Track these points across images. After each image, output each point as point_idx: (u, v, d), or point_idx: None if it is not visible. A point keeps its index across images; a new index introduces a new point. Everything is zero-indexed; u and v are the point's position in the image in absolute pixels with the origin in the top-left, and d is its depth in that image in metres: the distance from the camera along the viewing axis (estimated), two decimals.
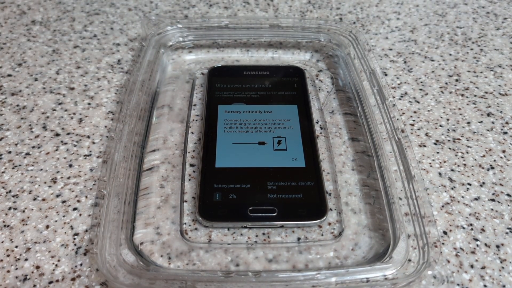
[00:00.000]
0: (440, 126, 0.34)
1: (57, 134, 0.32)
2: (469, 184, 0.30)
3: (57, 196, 0.28)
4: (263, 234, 0.26)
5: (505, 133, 0.34)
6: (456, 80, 0.39)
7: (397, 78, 0.39)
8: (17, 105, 0.35)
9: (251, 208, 0.26)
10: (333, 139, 0.32)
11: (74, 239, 0.26)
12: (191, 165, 0.30)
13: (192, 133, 0.33)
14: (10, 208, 0.28)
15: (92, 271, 0.24)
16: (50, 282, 0.24)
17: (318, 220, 0.25)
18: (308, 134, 0.29)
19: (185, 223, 0.27)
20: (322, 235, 0.27)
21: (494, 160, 0.32)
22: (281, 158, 0.28)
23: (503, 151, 0.32)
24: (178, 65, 0.39)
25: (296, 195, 0.26)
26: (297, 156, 0.28)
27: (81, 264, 0.25)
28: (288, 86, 0.33)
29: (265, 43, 0.40)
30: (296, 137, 0.29)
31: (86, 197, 0.28)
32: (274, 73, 0.35)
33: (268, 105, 0.32)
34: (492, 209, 0.28)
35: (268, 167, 0.27)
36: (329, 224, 0.27)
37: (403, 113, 0.35)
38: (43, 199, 0.28)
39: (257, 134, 0.29)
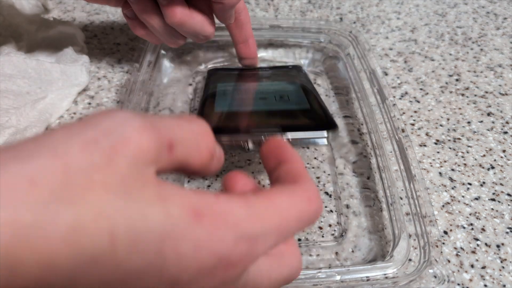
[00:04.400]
0: (441, 125, 0.34)
1: None
2: (470, 184, 0.30)
3: None
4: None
5: (505, 132, 0.34)
6: (457, 80, 0.39)
7: (398, 78, 0.39)
8: None
9: (254, 129, 0.24)
10: (333, 140, 0.32)
11: None
12: None
13: None
14: None
15: None
16: None
17: (325, 131, 0.23)
18: (313, 96, 0.28)
19: None
20: (322, 236, 0.27)
21: (495, 160, 0.32)
22: (283, 103, 0.26)
23: (503, 151, 0.32)
24: (178, 67, 0.39)
25: (301, 119, 0.25)
26: (300, 103, 0.26)
27: None
28: (288, 74, 0.33)
29: (265, 43, 0.40)
30: (299, 94, 0.28)
31: None
32: (275, 69, 0.34)
33: (269, 81, 0.31)
34: (492, 209, 0.28)
35: (271, 109, 0.26)
36: (330, 226, 0.27)
37: (404, 113, 0.35)
38: None
39: (258, 93, 0.28)
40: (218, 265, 0.14)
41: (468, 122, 0.35)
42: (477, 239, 0.27)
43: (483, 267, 0.25)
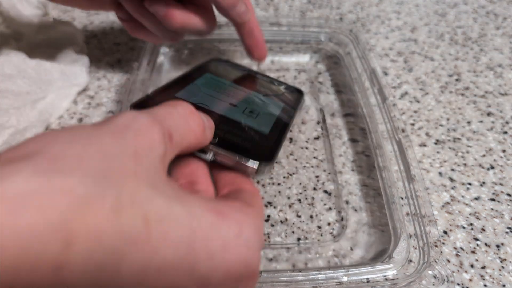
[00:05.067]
0: (441, 125, 0.34)
1: None
2: (470, 184, 0.30)
3: None
4: (264, 234, 0.26)
5: (505, 132, 0.34)
6: (456, 80, 0.39)
7: (398, 77, 0.39)
8: None
9: None
10: (333, 140, 0.32)
11: None
12: None
13: None
14: None
15: None
16: None
17: (254, 162, 0.21)
18: (282, 125, 0.26)
19: None
20: (321, 235, 0.27)
21: (494, 160, 0.32)
22: (246, 119, 0.25)
23: (503, 151, 0.32)
24: (178, 66, 0.39)
25: (245, 140, 0.23)
26: (263, 126, 0.25)
27: None
28: (282, 94, 0.32)
29: (265, 42, 0.40)
30: (270, 117, 0.26)
31: None
32: (274, 82, 0.34)
33: (255, 92, 0.30)
34: (492, 209, 0.28)
35: (229, 117, 0.24)
36: (329, 224, 0.27)
37: (404, 113, 0.35)
38: None
39: (232, 98, 0.27)
40: (245, 273, 0.15)
41: (468, 122, 0.35)
42: (477, 239, 0.27)
43: (483, 267, 0.25)
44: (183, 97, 0.25)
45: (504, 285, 0.24)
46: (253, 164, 0.21)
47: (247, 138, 0.23)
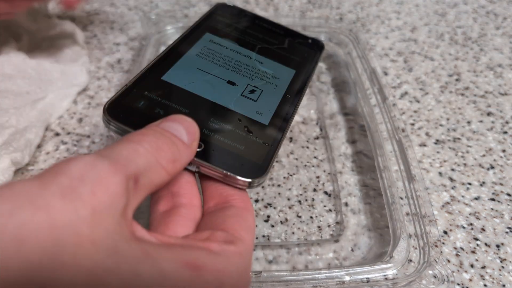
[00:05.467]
0: (441, 125, 0.34)
1: (57, 134, 0.32)
2: (469, 184, 0.30)
3: None
4: (263, 236, 0.26)
5: (505, 132, 0.34)
6: (456, 80, 0.39)
7: (397, 77, 0.39)
8: None
9: None
10: (333, 140, 0.32)
11: None
12: None
13: None
14: None
15: None
16: None
17: (243, 178, 0.18)
18: (290, 101, 0.23)
19: None
20: (321, 236, 0.27)
21: (494, 160, 0.32)
22: (244, 105, 0.22)
23: (503, 151, 0.32)
24: None
25: (237, 145, 0.19)
26: (264, 112, 0.22)
27: None
28: (296, 52, 0.28)
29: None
30: (275, 96, 0.23)
31: None
32: (289, 35, 0.29)
33: (262, 56, 0.26)
34: (492, 209, 0.28)
35: (222, 105, 0.21)
36: (329, 225, 0.27)
37: (404, 113, 0.35)
38: None
39: (232, 73, 0.23)
40: None
41: (468, 122, 0.35)
42: (477, 239, 0.27)
43: (483, 267, 0.25)
44: (171, 79, 0.22)
45: (504, 285, 0.24)
46: (243, 179, 0.18)
47: (240, 140, 0.20)
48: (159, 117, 0.18)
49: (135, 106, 0.20)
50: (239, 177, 0.18)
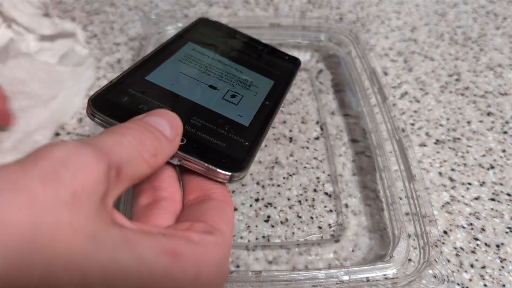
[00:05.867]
0: (440, 125, 0.34)
1: (57, 134, 0.32)
2: (469, 184, 0.30)
3: None
4: (263, 236, 0.26)
5: (505, 132, 0.34)
6: (456, 80, 0.39)
7: (397, 77, 0.39)
8: None
9: None
10: (334, 140, 0.32)
11: None
12: None
13: None
14: None
15: None
16: None
17: (224, 172, 0.18)
18: (269, 107, 0.24)
19: None
20: (321, 237, 0.27)
21: (494, 160, 0.32)
22: (225, 107, 0.22)
23: (503, 151, 0.32)
24: None
25: (218, 141, 0.20)
26: (244, 115, 0.22)
27: None
28: (275, 65, 0.29)
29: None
30: (255, 102, 0.24)
31: None
32: (268, 51, 0.30)
33: (243, 67, 0.27)
34: (492, 209, 0.28)
35: (204, 106, 0.22)
36: (329, 225, 0.27)
37: (404, 113, 0.35)
38: None
39: (213, 79, 0.24)
40: None
41: (468, 122, 0.35)
42: (476, 239, 0.27)
43: (483, 267, 0.25)
44: (155, 79, 0.23)
45: (504, 285, 0.24)
46: (224, 173, 0.18)
47: (221, 137, 0.20)
48: (143, 112, 0.18)
49: (119, 101, 0.21)
50: (220, 171, 0.18)
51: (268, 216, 0.27)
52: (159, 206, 0.16)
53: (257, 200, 0.28)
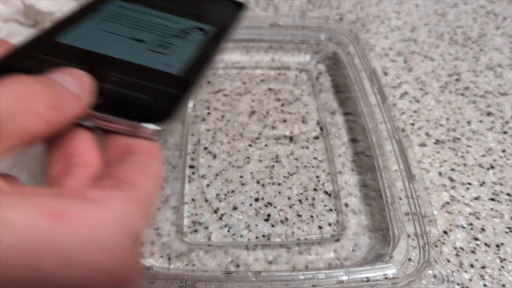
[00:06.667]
0: (440, 125, 0.34)
1: None
2: (469, 184, 0.30)
3: None
4: (263, 236, 0.26)
5: (505, 132, 0.34)
6: (456, 80, 0.39)
7: (397, 77, 0.39)
8: None
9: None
10: (333, 140, 0.32)
11: None
12: (191, 166, 0.30)
13: (192, 134, 0.33)
14: None
15: None
16: None
17: (148, 125, 0.17)
18: (205, 54, 0.22)
19: (185, 225, 0.27)
20: (322, 236, 0.27)
21: (494, 160, 0.32)
22: (151, 58, 0.21)
23: (503, 151, 0.32)
24: None
25: (142, 95, 0.18)
26: (175, 64, 0.21)
27: None
28: (215, 11, 0.27)
29: (265, 43, 0.40)
30: (189, 50, 0.22)
31: None
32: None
33: (178, 17, 0.25)
34: (492, 209, 0.28)
35: (127, 60, 0.20)
36: (329, 225, 0.27)
37: (403, 113, 0.35)
38: None
39: (140, 32, 0.22)
40: (114, 284, 0.12)
41: (468, 122, 0.35)
42: (476, 239, 0.27)
43: (483, 267, 0.25)
44: (68, 40, 0.20)
45: (504, 285, 0.24)
46: (147, 126, 0.16)
47: (146, 90, 0.19)
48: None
49: (25, 67, 0.18)
50: (144, 124, 0.16)
51: (268, 215, 0.27)
52: (72, 173, 0.15)
53: (257, 199, 0.28)
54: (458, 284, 0.24)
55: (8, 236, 0.10)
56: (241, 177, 0.30)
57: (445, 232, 0.27)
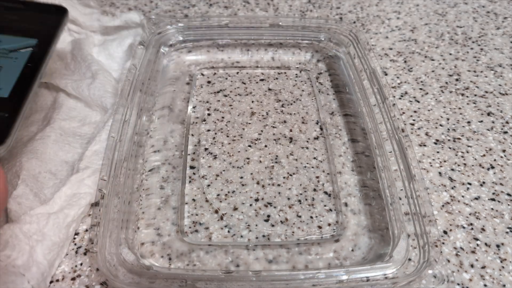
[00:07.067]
0: (440, 125, 0.34)
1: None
2: (469, 184, 0.30)
3: None
4: (263, 236, 0.26)
5: (505, 132, 0.34)
6: (456, 80, 0.39)
7: (397, 77, 0.39)
8: None
9: None
10: (333, 140, 0.32)
11: (74, 238, 0.26)
12: (192, 167, 0.30)
13: (192, 135, 0.33)
14: None
15: (92, 271, 0.24)
16: (51, 282, 0.24)
17: None
18: (31, 70, 0.22)
19: (186, 225, 0.27)
20: (321, 236, 0.27)
21: (494, 160, 0.32)
22: None
23: (503, 151, 0.32)
24: (178, 65, 0.39)
25: None
26: (3, 86, 0.21)
27: (81, 264, 0.25)
28: (35, 21, 0.26)
29: (265, 43, 0.40)
30: (16, 68, 0.22)
31: None
32: (24, 7, 0.27)
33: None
34: (492, 209, 0.28)
35: None
36: (329, 225, 0.27)
37: (403, 113, 0.35)
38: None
39: None
40: None
41: (468, 122, 0.35)
42: (477, 239, 0.27)
43: (483, 267, 0.25)
44: None
45: (504, 285, 0.24)
46: None
47: None
48: None
49: None
50: None
51: (268, 216, 0.27)
52: None
53: (257, 199, 0.28)
54: (458, 284, 0.24)
55: None
56: (241, 177, 0.30)
57: (445, 232, 0.27)
